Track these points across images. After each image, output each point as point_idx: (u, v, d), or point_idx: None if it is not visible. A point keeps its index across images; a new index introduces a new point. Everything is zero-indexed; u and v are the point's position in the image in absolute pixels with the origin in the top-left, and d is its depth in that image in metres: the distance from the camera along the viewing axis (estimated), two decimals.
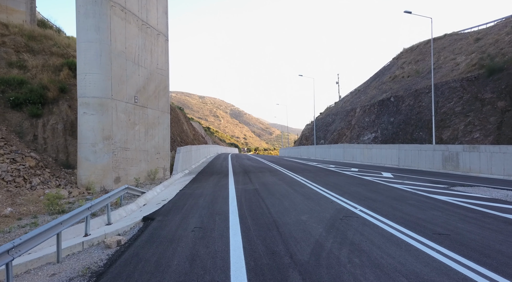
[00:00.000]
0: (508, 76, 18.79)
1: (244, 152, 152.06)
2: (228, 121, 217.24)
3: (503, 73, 19.30)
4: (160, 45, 13.85)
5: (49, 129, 12.00)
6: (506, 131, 16.98)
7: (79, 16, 10.37)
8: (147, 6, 12.91)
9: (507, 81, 18.64)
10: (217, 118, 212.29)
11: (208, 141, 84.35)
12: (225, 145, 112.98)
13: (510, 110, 17.48)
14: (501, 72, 19.48)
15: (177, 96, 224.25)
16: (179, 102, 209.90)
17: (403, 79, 44.01)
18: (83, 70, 10.34)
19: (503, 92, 18.43)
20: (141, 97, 12.45)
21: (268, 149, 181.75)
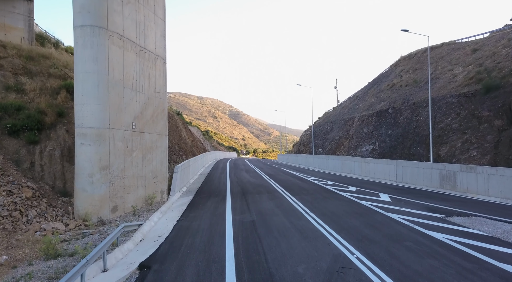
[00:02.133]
0: (504, 94, 18.88)
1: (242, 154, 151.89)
2: (226, 122, 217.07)
3: (499, 91, 19.40)
4: (158, 69, 13.87)
5: (46, 156, 11.98)
6: (503, 151, 17.04)
7: (77, 47, 10.39)
8: (145, 31, 12.93)
9: (503, 99, 18.73)
10: (215, 119, 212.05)
11: (207, 146, 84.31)
12: (223, 149, 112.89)
13: (507, 130, 17.55)
14: (498, 90, 19.57)
15: (176, 97, 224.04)
16: (177, 103, 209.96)
17: (401, 88, 44.19)
18: (81, 101, 10.34)
19: (499, 110, 18.51)
20: (138, 123, 12.45)
21: (267, 151, 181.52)
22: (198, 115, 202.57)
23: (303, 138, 68.01)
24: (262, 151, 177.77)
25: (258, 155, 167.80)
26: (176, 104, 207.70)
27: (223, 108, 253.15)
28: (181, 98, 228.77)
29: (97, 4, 10.47)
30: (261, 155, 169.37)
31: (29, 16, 19.80)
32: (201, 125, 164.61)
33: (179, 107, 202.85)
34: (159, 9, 14.09)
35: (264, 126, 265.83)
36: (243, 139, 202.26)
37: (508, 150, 16.77)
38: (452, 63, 38.34)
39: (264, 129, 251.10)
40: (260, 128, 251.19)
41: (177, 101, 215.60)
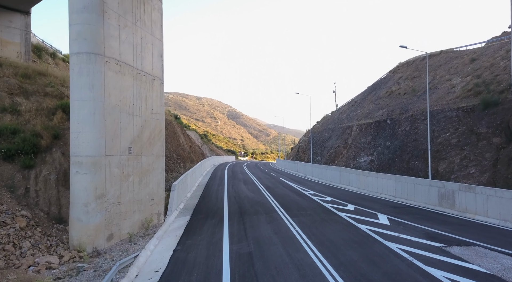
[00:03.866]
0: (503, 111, 18.85)
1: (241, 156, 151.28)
2: (225, 123, 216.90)
3: (498, 108, 19.37)
4: (155, 90, 13.76)
5: (41, 181, 11.83)
6: (501, 169, 16.98)
7: (73, 75, 10.27)
8: (142, 53, 12.83)
9: (502, 117, 18.70)
10: (214, 119, 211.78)
11: (205, 150, 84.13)
12: (222, 152, 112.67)
13: (506, 148, 17.51)
14: (497, 106, 19.54)
15: (174, 98, 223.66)
16: (175, 103, 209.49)
17: (400, 96, 44.22)
18: (76, 129, 10.21)
19: (498, 128, 18.47)
20: (135, 147, 12.32)
21: (265, 153, 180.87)
22: (196, 115, 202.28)
23: (302, 143, 67.99)
24: (261, 153, 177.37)
25: (257, 157, 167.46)
26: (175, 105, 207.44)
27: (222, 109, 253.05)
28: (180, 98, 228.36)
29: (94, 31, 10.36)
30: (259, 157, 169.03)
31: (26, 30, 19.66)
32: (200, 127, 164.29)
33: (177, 107, 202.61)
34: (157, 30, 13.99)
35: (262, 126, 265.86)
36: (241, 140, 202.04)
37: (507, 169, 16.72)
38: (450, 72, 38.40)
39: (263, 130, 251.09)
40: (258, 128, 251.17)
41: (175, 102, 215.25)
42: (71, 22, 10.31)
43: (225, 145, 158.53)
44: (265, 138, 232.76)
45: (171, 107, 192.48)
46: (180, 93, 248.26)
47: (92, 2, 10.33)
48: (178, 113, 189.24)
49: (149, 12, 13.42)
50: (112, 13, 11.10)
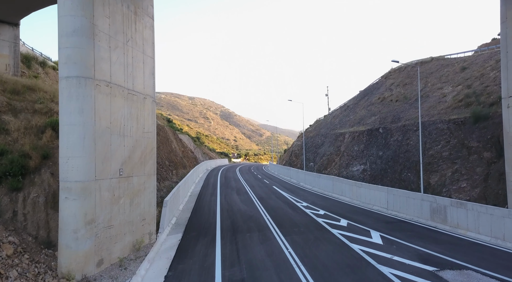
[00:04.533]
0: (493, 126, 19.06)
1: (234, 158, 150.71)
2: (218, 123, 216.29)
3: (488, 122, 19.58)
4: (146, 109, 13.60)
5: (29, 203, 11.59)
6: (492, 184, 17.15)
7: (62, 99, 10.09)
8: (133, 73, 12.67)
9: (492, 131, 18.90)
10: (207, 120, 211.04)
11: (198, 154, 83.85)
12: (215, 155, 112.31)
13: (496, 163, 17.69)
14: (487, 120, 19.75)
15: (167, 98, 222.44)
16: (168, 104, 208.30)
17: (392, 103, 44.58)
18: (65, 154, 10.02)
19: (489, 142, 18.66)
20: (126, 168, 12.15)
21: (258, 154, 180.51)
22: (189, 116, 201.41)
23: (295, 148, 68.12)
24: (254, 154, 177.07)
25: (250, 158, 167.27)
26: (167, 105, 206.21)
27: (215, 109, 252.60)
28: (172, 98, 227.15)
29: (84, 54, 10.19)
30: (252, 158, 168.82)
31: (15, 42, 19.34)
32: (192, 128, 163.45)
33: (170, 108, 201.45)
34: (148, 47, 13.84)
35: (255, 127, 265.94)
36: (234, 141, 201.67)
37: (497, 184, 16.88)
38: (441, 80, 38.82)
39: (256, 130, 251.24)
40: (251, 129, 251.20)
41: (168, 102, 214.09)
42: (61, 46, 10.12)
43: (218, 146, 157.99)
44: (258, 138, 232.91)
45: (163, 107, 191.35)
46: (172, 93, 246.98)
47: (82, 25, 10.17)
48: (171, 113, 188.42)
49: (141, 31, 13.27)
50: (103, 35, 10.94)
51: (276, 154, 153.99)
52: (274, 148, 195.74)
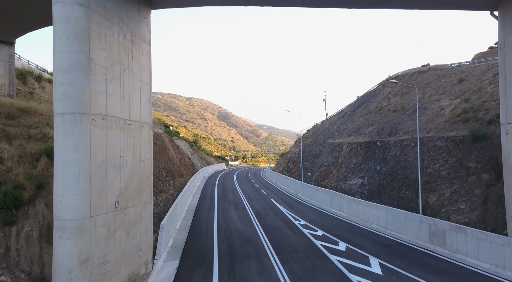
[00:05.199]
0: (491, 147, 19.02)
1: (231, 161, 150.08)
2: (215, 124, 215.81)
3: (487, 142, 19.54)
4: (143, 137, 13.42)
5: (23, 238, 11.37)
6: (491, 207, 17.08)
7: (57, 135, 9.90)
8: (130, 102, 12.50)
9: (491, 152, 18.86)
10: (204, 121, 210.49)
11: (195, 160, 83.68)
12: (212, 159, 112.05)
13: (495, 185, 17.63)
14: (485, 140, 19.72)
15: (164, 99, 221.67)
16: (165, 104, 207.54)
17: (389, 112, 44.59)
18: (60, 192, 9.83)
19: (487, 164, 18.62)
20: (122, 200, 11.95)
21: (256, 156, 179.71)
22: (186, 117, 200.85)
23: (292, 155, 67.97)
24: (251, 156, 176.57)
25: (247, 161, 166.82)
26: (164, 106, 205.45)
27: (212, 109, 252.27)
28: (169, 99, 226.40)
29: (79, 90, 10.02)
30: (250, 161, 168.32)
31: (10, 61, 19.13)
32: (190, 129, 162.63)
33: (167, 108, 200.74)
34: (145, 74, 13.68)
35: (253, 127, 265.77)
36: (232, 141, 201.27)
37: (496, 208, 16.81)
38: (439, 92, 38.87)
39: (253, 131, 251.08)
40: (249, 129, 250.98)
41: (165, 103, 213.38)
42: (56, 82, 9.95)
43: (215, 148, 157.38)
44: (256, 139, 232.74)
45: (160, 108, 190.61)
46: (170, 94, 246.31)
47: (78, 60, 10.00)
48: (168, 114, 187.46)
49: (137, 59, 13.11)
50: (99, 68, 10.77)
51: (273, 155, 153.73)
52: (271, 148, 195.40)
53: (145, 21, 13.81)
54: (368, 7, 15.30)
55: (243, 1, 14.44)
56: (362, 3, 14.87)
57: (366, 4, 14.97)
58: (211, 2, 14.56)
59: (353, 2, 14.75)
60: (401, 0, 14.61)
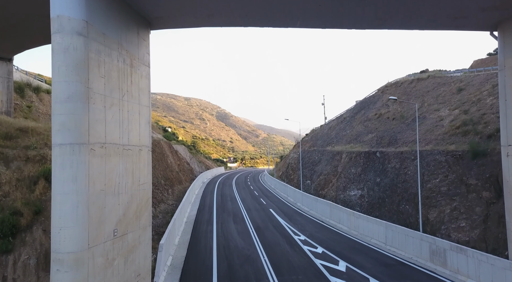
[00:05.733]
0: (491, 164, 18.98)
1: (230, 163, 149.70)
2: (214, 124, 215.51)
3: (487, 159, 19.50)
4: (142, 160, 13.32)
5: (20, 267, 11.23)
6: (492, 227, 17.02)
7: (55, 167, 9.78)
8: (129, 127, 12.39)
9: (491, 170, 18.81)
10: (203, 121, 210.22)
11: (193, 164, 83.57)
12: (211, 163, 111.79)
13: (495, 204, 17.57)
14: (485, 157, 19.68)
15: (162, 99, 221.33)
16: (164, 105, 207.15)
17: (388, 120, 44.58)
18: (58, 224, 9.70)
19: (487, 181, 18.57)
20: (120, 227, 11.83)
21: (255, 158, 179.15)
22: (185, 117, 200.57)
23: (291, 161, 67.88)
24: (250, 158, 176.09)
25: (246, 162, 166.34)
26: (163, 106, 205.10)
27: (211, 110, 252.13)
28: (168, 99, 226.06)
29: (78, 120, 9.91)
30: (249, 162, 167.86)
31: (8, 77, 19.01)
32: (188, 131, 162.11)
33: (165, 109, 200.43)
34: (144, 97, 13.59)
35: (251, 127, 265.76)
36: (230, 142, 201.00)
37: (497, 227, 16.75)
38: (438, 101, 38.88)
39: (252, 131, 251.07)
40: (248, 129, 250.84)
41: (163, 103, 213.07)
42: (55, 112, 9.83)
43: (214, 150, 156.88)
44: (254, 139, 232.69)
45: (159, 108, 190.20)
46: (168, 94, 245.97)
47: (77, 91, 9.89)
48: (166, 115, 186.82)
49: (137, 82, 13.02)
50: (98, 96, 10.67)
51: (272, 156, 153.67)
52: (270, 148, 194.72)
53: (144, 43, 13.73)
54: (368, 28, 15.26)
55: (243, 23, 14.38)
56: (361, 24, 14.83)
57: (366, 25, 14.94)
58: (211, 23, 14.50)
59: (352, 23, 14.71)
60: (401, 22, 14.57)
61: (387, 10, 13.25)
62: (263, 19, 13.88)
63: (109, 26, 11.36)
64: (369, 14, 13.62)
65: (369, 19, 14.15)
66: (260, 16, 13.60)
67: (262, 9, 12.83)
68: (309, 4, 12.53)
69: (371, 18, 14.04)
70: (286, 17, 13.76)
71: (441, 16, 14.04)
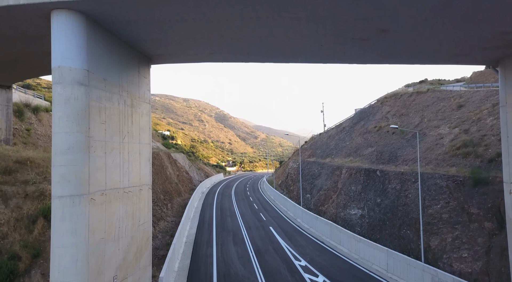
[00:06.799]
0: (493, 193, 18.90)
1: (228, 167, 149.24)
2: (213, 126, 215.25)
3: (488, 188, 19.43)
4: (143, 199, 13.19)
5: None
6: (494, 260, 16.90)
7: (55, 220, 9.65)
8: (129, 168, 12.28)
9: (493, 199, 18.73)
10: (201, 123, 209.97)
11: (192, 173, 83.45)
12: (210, 169, 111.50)
13: (498, 235, 17.47)
14: (487, 185, 19.60)
15: (161, 100, 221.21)
16: (162, 106, 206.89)
17: (388, 134, 44.59)
18: (57, 278, 9.56)
19: (489, 211, 18.48)
20: (120, 272, 11.67)
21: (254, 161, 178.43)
22: (184, 119, 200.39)
23: (290, 171, 67.76)
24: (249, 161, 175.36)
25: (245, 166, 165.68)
26: (162, 108, 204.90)
27: (209, 111, 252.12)
28: (166, 101, 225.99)
29: (78, 171, 9.80)
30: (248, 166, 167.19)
31: (7, 105, 18.90)
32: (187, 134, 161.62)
33: (164, 110, 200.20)
34: (145, 135, 13.50)
35: (250, 129, 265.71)
36: (229, 143, 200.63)
37: (500, 260, 16.63)
38: (438, 117, 38.89)
39: (251, 132, 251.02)
40: (246, 131, 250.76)
41: (162, 105, 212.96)
42: (55, 164, 9.71)
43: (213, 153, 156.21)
44: (253, 140, 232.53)
45: (158, 110, 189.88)
46: (167, 95, 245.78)
47: (77, 141, 9.78)
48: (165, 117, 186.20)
49: (137, 121, 12.93)
50: (98, 143, 10.56)
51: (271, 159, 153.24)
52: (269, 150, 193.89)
53: (145, 81, 13.65)
54: (369, 63, 15.25)
55: (244, 59, 14.34)
56: (363, 60, 14.82)
57: (367, 61, 14.93)
58: (212, 59, 14.45)
59: (354, 59, 14.69)
60: (402, 58, 14.55)
61: (389, 50, 13.22)
62: (264, 57, 13.85)
63: (110, 70, 11.28)
64: (371, 53, 13.60)
65: (370, 57, 14.14)
66: (262, 55, 13.57)
67: (264, 49, 12.79)
68: (310, 45, 12.49)
69: (373, 56, 14.03)
70: (287, 56, 13.73)
71: (442, 54, 14.03)
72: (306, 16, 9.99)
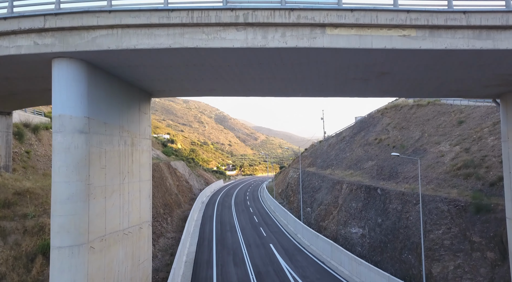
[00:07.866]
0: (495, 222, 18.79)
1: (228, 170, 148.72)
2: (212, 127, 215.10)
3: (490, 215, 19.32)
4: (142, 237, 13.09)
5: None
6: None
7: (53, 271, 9.54)
8: (129, 208, 12.19)
9: (495, 228, 18.62)
10: (201, 124, 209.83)
11: (192, 181, 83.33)
12: (209, 176, 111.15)
13: (500, 266, 17.33)
14: (489, 213, 19.50)
15: (161, 102, 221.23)
16: (162, 108, 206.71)
17: (388, 147, 44.53)
18: None
19: (492, 241, 18.37)
20: None
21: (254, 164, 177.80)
22: (183, 120, 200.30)
23: (291, 181, 67.64)
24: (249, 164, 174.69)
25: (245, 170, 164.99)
26: (162, 109, 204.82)
27: (209, 112, 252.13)
28: (166, 102, 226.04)
29: (78, 220, 9.71)
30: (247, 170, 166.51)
31: (7, 131, 18.83)
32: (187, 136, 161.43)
33: (164, 112, 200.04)
34: (145, 171, 13.42)
35: (250, 130, 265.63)
36: (229, 145, 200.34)
37: None
38: (438, 132, 38.83)
39: (251, 134, 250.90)
40: (246, 132, 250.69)
41: (162, 106, 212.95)
42: (54, 213, 9.63)
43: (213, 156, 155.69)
44: (253, 142, 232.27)
45: (157, 111, 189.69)
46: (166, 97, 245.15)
47: (77, 190, 9.70)
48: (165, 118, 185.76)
49: (138, 159, 12.86)
50: (98, 189, 10.48)
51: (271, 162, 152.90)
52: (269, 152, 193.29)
53: (145, 117, 13.61)
54: (370, 97, 15.23)
55: (245, 94, 14.30)
56: (364, 94, 14.80)
57: (368, 95, 14.90)
58: (213, 94, 14.41)
59: (355, 94, 14.66)
60: (404, 93, 14.52)
61: (390, 87, 13.21)
62: (265, 93, 13.83)
63: (110, 113, 11.23)
64: (372, 89, 13.58)
65: (372, 92, 14.12)
66: (263, 92, 13.55)
67: (265, 87, 12.77)
68: (311, 84, 12.48)
69: (375, 91, 14.02)
70: (288, 92, 13.73)
71: (444, 90, 14.02)
72: (308, 62, 9.97)
